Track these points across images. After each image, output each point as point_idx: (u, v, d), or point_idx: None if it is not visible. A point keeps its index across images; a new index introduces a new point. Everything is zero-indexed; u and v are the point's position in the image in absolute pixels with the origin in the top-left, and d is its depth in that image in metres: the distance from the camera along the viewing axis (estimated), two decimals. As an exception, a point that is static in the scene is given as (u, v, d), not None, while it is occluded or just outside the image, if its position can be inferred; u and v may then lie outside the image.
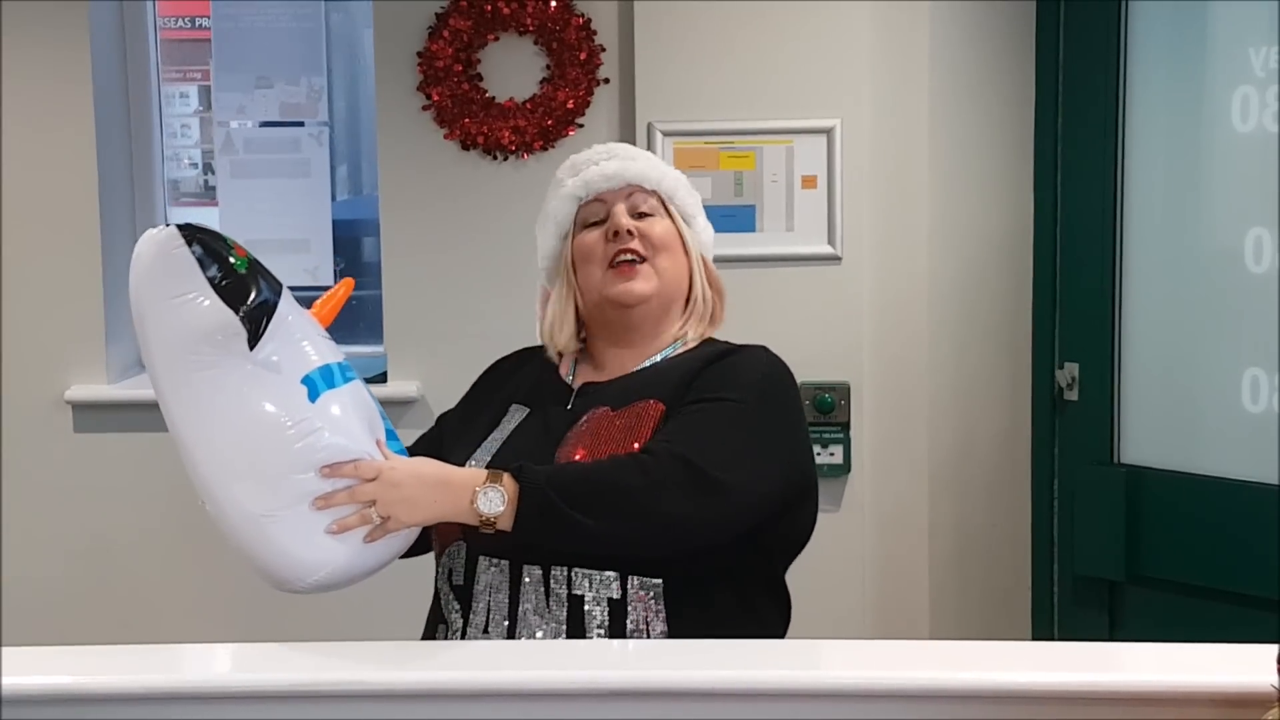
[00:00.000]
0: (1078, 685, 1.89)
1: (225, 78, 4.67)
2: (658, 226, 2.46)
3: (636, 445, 2.30)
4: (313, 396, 2.19)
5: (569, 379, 2.49)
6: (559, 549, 2.25)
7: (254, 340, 2.16)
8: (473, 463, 2.39)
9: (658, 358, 2.47)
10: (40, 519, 4.34)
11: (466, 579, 2.32)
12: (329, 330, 2.32)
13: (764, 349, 2.47)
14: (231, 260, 2.17)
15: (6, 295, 4.30)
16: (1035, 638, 4.09)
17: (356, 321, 4.68)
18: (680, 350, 2.48)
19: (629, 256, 2.43)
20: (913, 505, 4.16)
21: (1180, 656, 1.98)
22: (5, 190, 4.28)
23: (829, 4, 4.01)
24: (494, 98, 4.15)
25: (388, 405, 2.56)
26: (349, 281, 2.44)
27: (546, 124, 4.12)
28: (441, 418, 2.62)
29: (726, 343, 2.51)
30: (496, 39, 4.15)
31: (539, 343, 2.57)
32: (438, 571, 2.40)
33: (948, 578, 4.19)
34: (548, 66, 4.15)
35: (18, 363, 4.31)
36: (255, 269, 2.19)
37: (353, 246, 5.74)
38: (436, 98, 4.13)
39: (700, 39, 4.04)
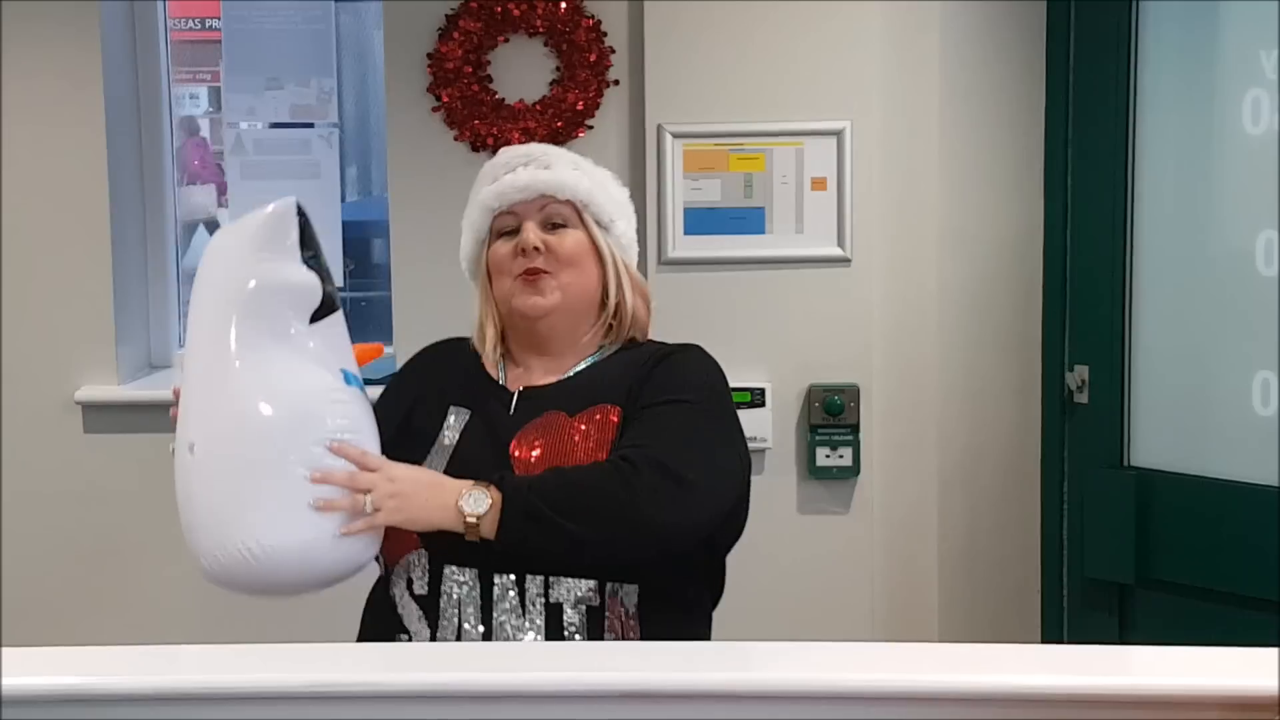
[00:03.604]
0: (1087, 688, 1.89)
1: (235, 79, 4.67)
2: (568, 240, 2.48)
3: (603, 454, 2.33)
4: (348, 383, 2.30)
5: (500, 380, 2.51)
6: (537, 558, 2.27)
7: (324, 311, 2.29)
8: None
9: (584, 364, 2.50)
10: (49, 519, 4.35)
11: (431, 588, 2.32)
12: None
13: (699, 348, 2.51)
14: (320, 253, 2.34)
15: (17, 296, 4.31)
16: (1045, 641, 4.08)
17: (365, 323, 4.69)
18: (609, 354, 2.51)
19: (534, 270, 2.45)
20: (922, 508, 4.15)
21: (1190, 660, 1.97)
22: (16, 191, 4.29)
23: (839, 5, 4.01)
24: (504, 99, 4.15)
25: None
26: (380, 347, 2.58)
27: (556, 126, 4.12)
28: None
29: (658, 342, 2.54)
30: (506, 40, 4.15)
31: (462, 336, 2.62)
32: (389, 581, 2.39)
33: (957, 580, 4.19)
34: (558, 68, 4.15)
35: (28, 363, 4.32)
36: (330, 276, 2.36)
37: (362, 248, 5.75)
38: (446, 99, 4.13)
39: (710, 41, 4.03)
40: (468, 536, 2.23)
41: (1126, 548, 3.84)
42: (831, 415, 4.03)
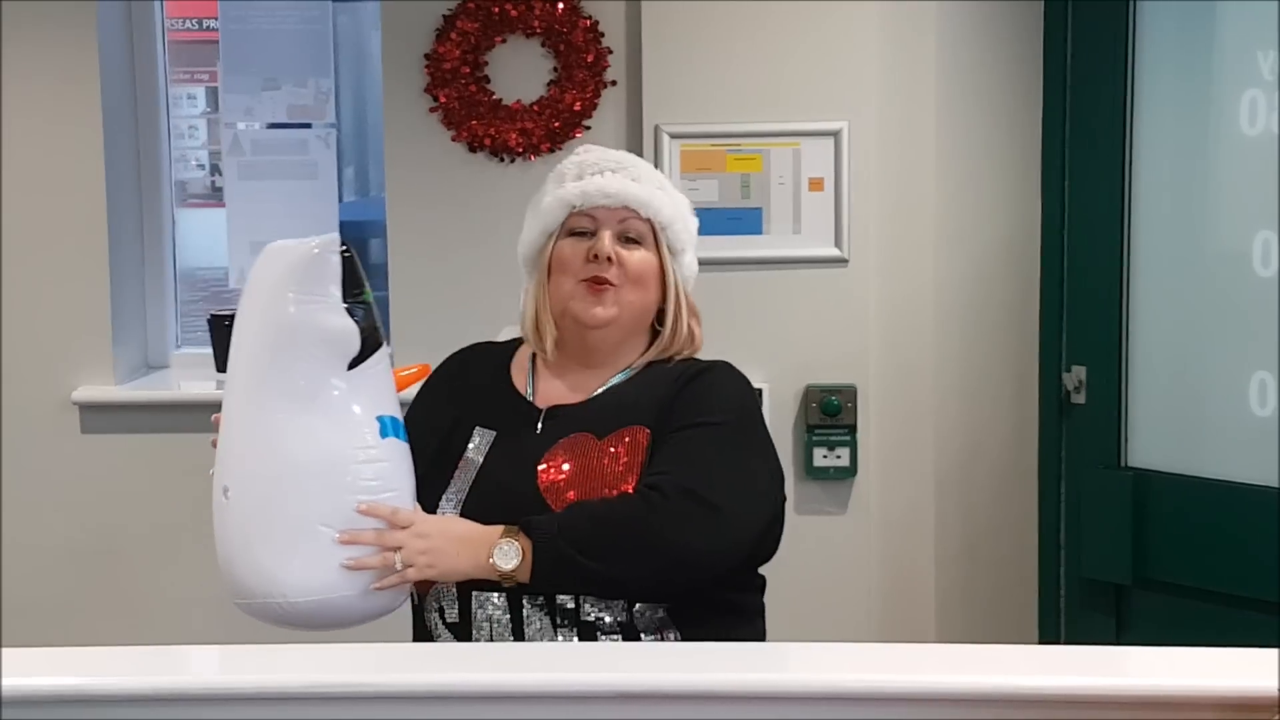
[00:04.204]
0: (1084, 689, 1.89)
1: (233, 79, 4.67)
2: (639, 257, 2.44)
3: (633, 477, 2.30)
4: (383, 434, 2.26)
5: (528, 393, 2.47)
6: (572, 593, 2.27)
7: (361, 358, 2.24)
8: (450, 497, 2.39)
9: (618, 378, 2.46)
10: (46, 520, 4.34)
11: (461, 615, 2.32)
12: None
13: (729, 365, 2.48)
14: (364, 289, 2.28)
15: (14, 296, 4.30)
16: (1042, 641, 4.08)
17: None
18: (636, 370, 2.47)
19: (601, 282, 2.41)
20: (919, 508, 4.15)
21: (1187, 660, 1.97)
22: (13, 191, 4.28)
23: (837, 6, 4.01)
24: (501, 100, 4.15)
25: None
26: (427, 367, 2.52)
27: (554, 126, 4.12)
28: None
29: (686, 360, 2.50)
30: (504, 41, 4.15)
31: (500, 338, 2.59)
32: (424, 608, 2.39)
33: (954, 581, 4.19)
34: (555, 68, 4.15)
35: (24, 364, 4.31)
36: (374, 309, 2.30)
37: (360, 248, 5.73)
38: (444, 99, 4.13)
39: (708, 41, 4.03)
40: (504, 584, 2.23)
41: (1123, 548, 3.84)
42: (828, 416, 4.03)
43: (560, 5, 4.09)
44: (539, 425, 2.41)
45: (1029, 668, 2.01)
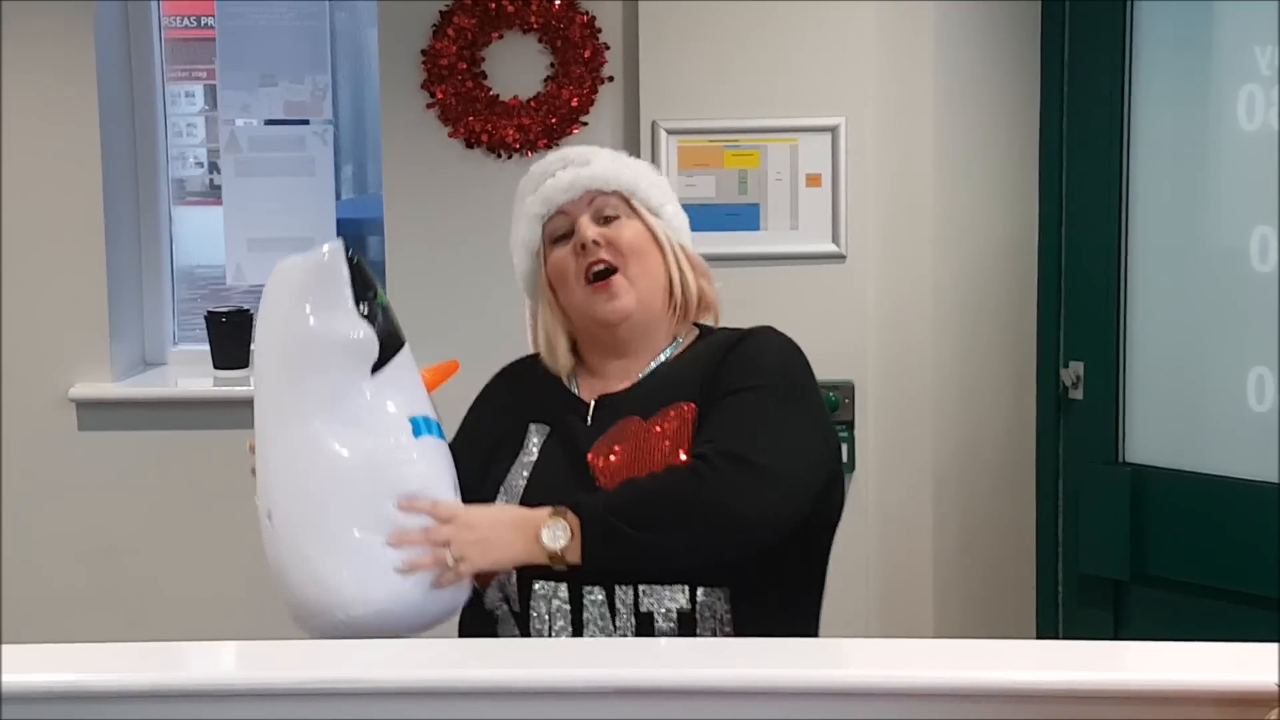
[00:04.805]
0: (1082, 684, 1.89)
1: (230, 76, 4.67)
2: (626, 230, 2.41)
3: (683, 452, 2.28)
4: (416, 433, 2.23)
5: (575, 390, 2.46)
6: (627, 571, 2.24)
7: (381, 363, 2.22)
8: (504, 490, 2.37)
9: (661, 358, 2.44)
10: (44, 517, 4.34)
11: (522, 604, 2.30)
12: None
13: (771, 329, 2.45)
14: (377, 292, 2.27)
15: (11, 293, 4.30)
16: (1040, 636, 4.08)
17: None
18: (682, 347, 2.46)
19: (601, 268, 2.39)
20: (917, 504, 4.15)
21: (1184, 655, 1.97)
22: (10, 189, 4.29)
23: (834, 2, 4.01)
24: (498, 96, 4.15)
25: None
26: (455, 364, 2.53)
27: (551, 122, 4.12)
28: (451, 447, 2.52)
29: (730, 329, 2.48)
30: (501, 37, 4.15)
31: (528, 352, 2.56)
32: (483, 599, 2.35)
33: (952, 576, 4.19)
34: (552, 64, 4.14)
35: (22, 361, 4.32)
36: (391, 311, 2.30)
37: (357, 245, 5.73)
38: (441, 96, 4.13)
39: (705, 37, 4.03)
40: (554, 566, 2.20)
41: (1121, 543, 3.84)
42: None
43: (557, 1, 4.09)
44: (589, 417, 2.40)
45: (1027, 663, 2.01)
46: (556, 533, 2.19)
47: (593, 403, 2.42)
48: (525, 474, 2.38)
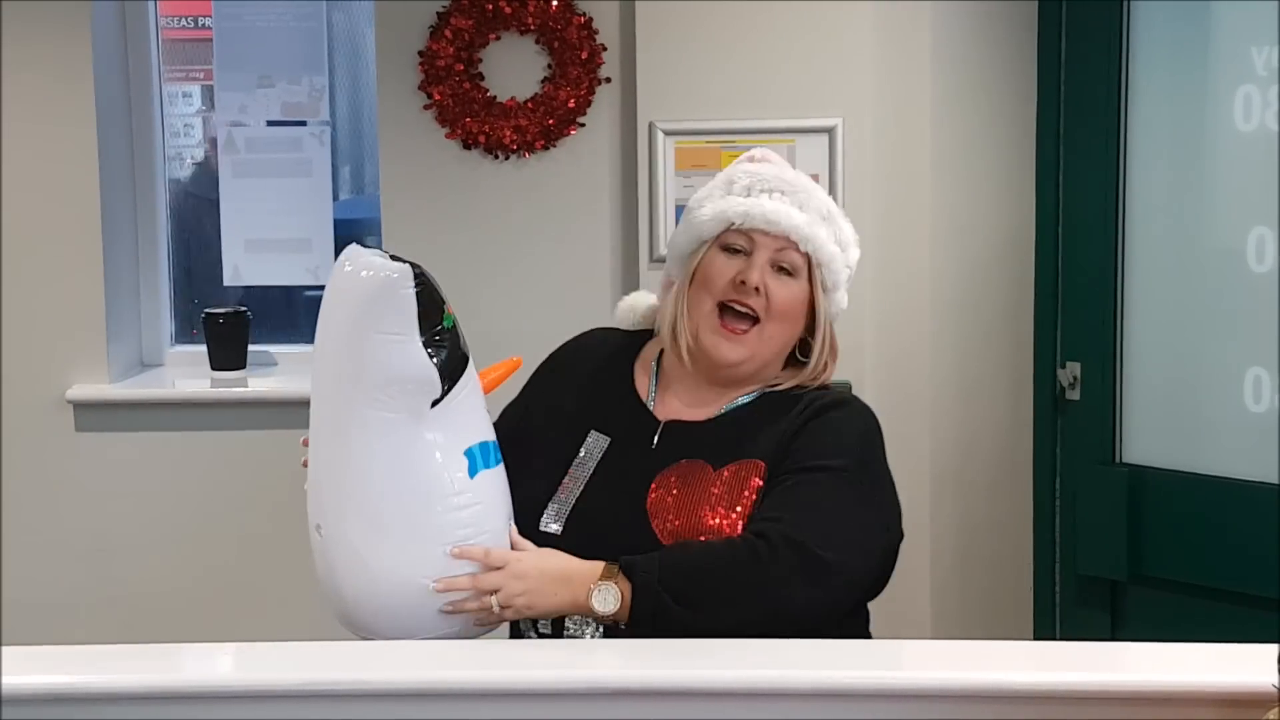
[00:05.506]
0: (1080, 685, 1.89)
1: (227, 77, 4.66)
2: (787, 292, 2.34)
3: (736, 513, 2.25)
4: (472, 471, 2.20)
5: (650, 401, 2.41)
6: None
7: (441, 398, 2.17)
8: (556, 504, 2.33)
9: (739, 402, 2.39)
10: (41, 519, 4.34)
11: (554, 627, 2.28)
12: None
13: (857, 402, 2.42)
14: (444, 314, 2.20)
15: (8, 294, 4.30)
16: (1037, 637, 4.08)
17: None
18: (764, 395, 2.39)
19: (743, 309, 2.34)
20: (914, 504, 4.12)
21: (1182, 656, 1.97)
22: (7, 190, 4.28)
23: (831, 3, 4.01)
24: (495, 97, 4.15)
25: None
26: (518, 361, 2.45)
27: (548, 123, 4.12)
28: (505, 414, 2.48)
29: (817, 389, 2.41)
30: (498, 38, 4.15)
31: (600, 327, 2.54)
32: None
33: (949, 577, 4.19)
34: (549, 66, 4.14)
35: (19, 362, 4.31)
36: (458, 329, 2.22)
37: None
38: (438, 97, 4.13)
39: (702, 38, 4.03)
40: (600, 622, 2.21)
41: (1118, 544, 3.84)
42: (824, 412, 4.02)
43: (554, 2, 4.09)
44: (655, 439, 2.36)
45: (1025, 664, 2.02)
46: (607, 597, 2.18)
47: (663, 424, 2.38)
48: (580, 487, 2.34)
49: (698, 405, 2.39)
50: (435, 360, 2.16)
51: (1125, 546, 3.84)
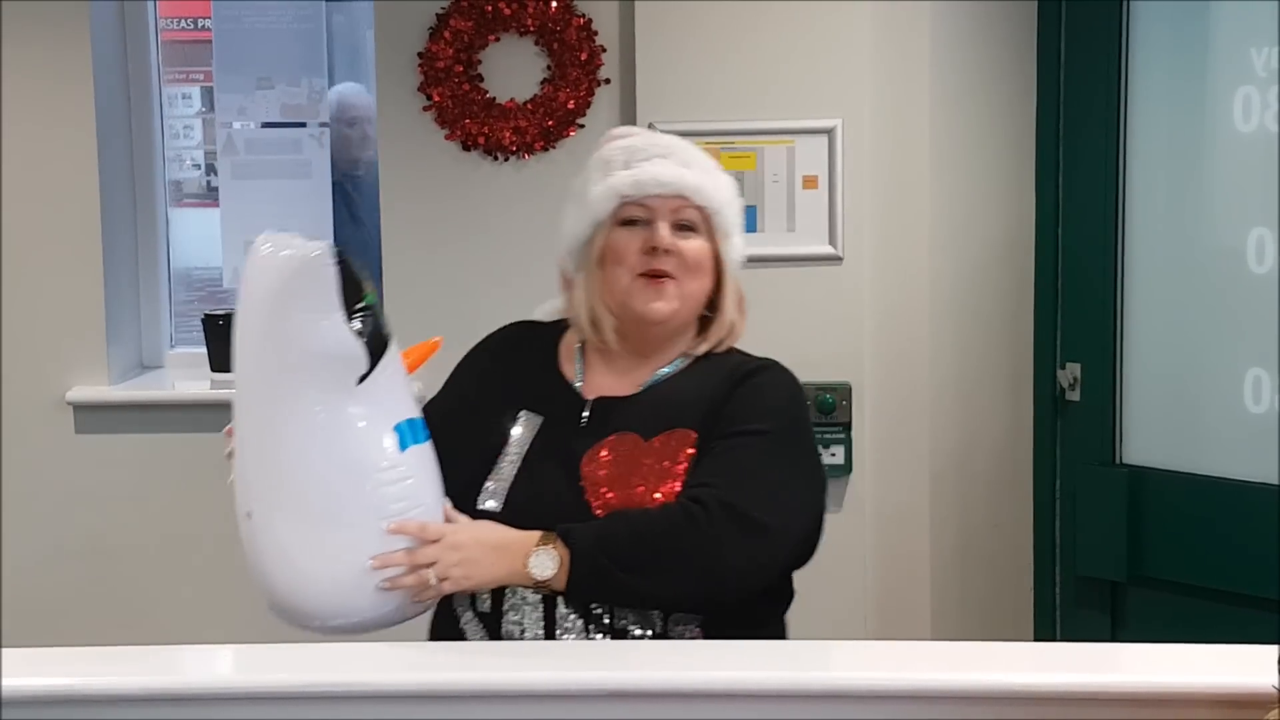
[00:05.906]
0: (1079, 686, 1.89)
1: (226, 79, 4.67)
2: (695, 245, 2.40)
3: (671, 481, 2.28)
4: (403, 445, 2.20)
5: (577, 383, 2.44)
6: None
7: (367, 374, 2.17)
8: (492, 483, 2.34)
9: (667, 369, 2.43)
10: (41, 520, 4.34)
11: (494, 606, 2.29)
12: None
13: (781, 367, 2.45)
14: (364, 292, 2.19)
15: (8, 296, 4.30)
16: (1037, 638, 4.08)
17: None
18: (687, 363, 2.44)
19: (660, 274, 2.37)
20: (914, 506, 4.15)
21: (1182, 657, 1.97)
22: (7, 191, 4.28)
23: (830, 4, 4.01)
24: (495, 98, 4.15)
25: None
26: (438, 341, 2.47)
27: (547, 124, 4.12)
28: (428, 409, 2.44)
29: (739, 355, 2.47)
30: (497, 39, 4.14)
31: (532, 319, 2.55)
32: (453, 597, 2.33)
33: (949, 578, 4.19)
34: (548, 67, 4.14)
35: (19, 364, 4.31)
36: (379, 308, 2.22)
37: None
38: (437, 98, 4.13)
39: (701, 39, 4.03)
40: (537, 590, 2.21)
41: (1118, 545, 3.84)
42: (823, 413, 4.02)
43: (553, 4, 4.09)
44: (585, 417, 2.39)
45: (1024, 665, 2.02)
46: (545, 561, 2.19)
47: (591, 402, 2.41)
48: (516, 466, 2.36)
49: (623, 380, 2.43)
50: (359, 335, 2.16)
51: (1125, 547, 3.84)
